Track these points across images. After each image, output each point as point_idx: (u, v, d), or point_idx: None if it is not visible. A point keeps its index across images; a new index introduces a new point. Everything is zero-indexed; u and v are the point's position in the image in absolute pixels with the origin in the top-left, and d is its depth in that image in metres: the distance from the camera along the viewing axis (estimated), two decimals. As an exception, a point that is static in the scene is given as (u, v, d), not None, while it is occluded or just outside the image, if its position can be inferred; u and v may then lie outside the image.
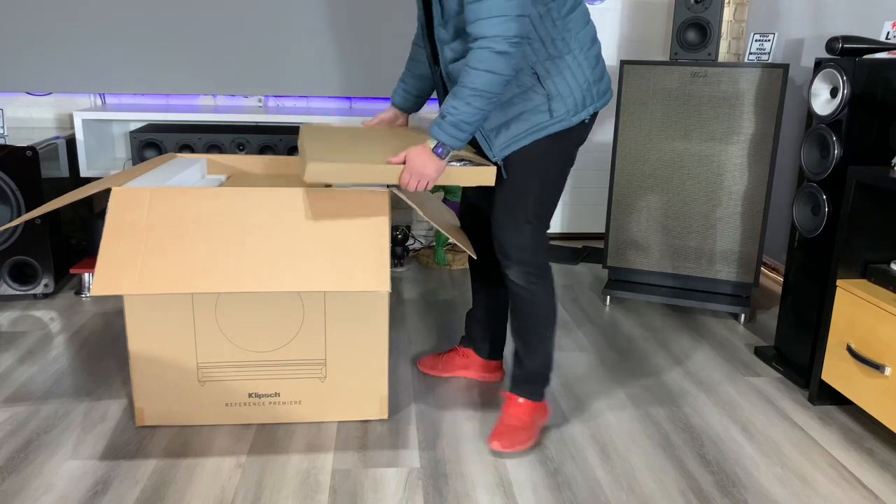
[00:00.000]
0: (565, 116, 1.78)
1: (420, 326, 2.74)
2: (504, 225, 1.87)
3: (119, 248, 1.71)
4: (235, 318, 1.93)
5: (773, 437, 2.04)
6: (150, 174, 2.04)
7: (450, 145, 1.68)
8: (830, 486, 1.81)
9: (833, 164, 2.19)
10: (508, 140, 1.79)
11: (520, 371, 1.99)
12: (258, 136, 3.03)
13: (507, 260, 1.90)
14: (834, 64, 2.18)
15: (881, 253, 2.13)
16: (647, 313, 2.95)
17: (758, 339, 2.72)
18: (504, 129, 1.79)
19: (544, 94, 1.76)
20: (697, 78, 2.77)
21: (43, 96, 3.35)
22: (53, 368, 2.32)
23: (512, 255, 1.88)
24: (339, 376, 2.00)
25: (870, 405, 2.00)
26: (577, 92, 1.78)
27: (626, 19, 3.81)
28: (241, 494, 1.72)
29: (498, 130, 1.80)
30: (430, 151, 1.68)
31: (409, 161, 1.68)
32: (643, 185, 2.93)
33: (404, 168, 1.69)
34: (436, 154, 1.68)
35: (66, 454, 1.86)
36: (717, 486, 1.80)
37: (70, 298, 2.92)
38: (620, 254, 3.03)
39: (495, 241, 1.91)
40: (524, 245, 1.87)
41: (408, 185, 1.69)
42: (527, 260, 1.88)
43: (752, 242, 2.83)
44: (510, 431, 1.92)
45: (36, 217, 2.77)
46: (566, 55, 1.75)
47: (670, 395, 2.26)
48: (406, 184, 1.69)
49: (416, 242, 3.77)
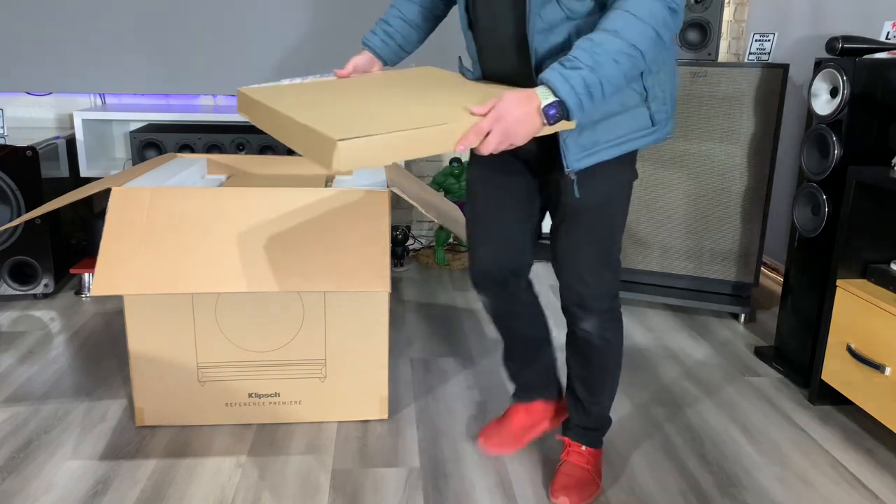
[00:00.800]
0: (661, 126, 1.43)
1: (420, 326, 2.74)
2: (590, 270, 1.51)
3: (119, 248, 1.71)
4: (235, 318, 1.93)
5: (773, 437, 2.04)
6: (150, 174, 2.04)
7: (571, 108, 1.21)
8: (830, 486, 1.81)
9: (833, 164, 2.19)
10: (595, 145, 1.38)
11: (583, 418, 1.74)
12: (258, 136, 3.02)
13: (582, 311, 1.57)
14: (834, 64, 2.18)
15: (881, 253, 2.13)
16: (647, 313, 2.95)
17: (758, 339, 2.72)
18: (590, 129, 1.37)
19: (641, 92, 1.38)
20: (697, 78, 2.77)
21: (43, 96, 3.35)
22: (53, 368, 2.32)
23: (593, 307, 1.55)
24: (339, 376, 2.00)
25: (870, 405, 2.00)
26: (670, 97, 1.43)
27: (626, 19, 3.80)
28: (241, 494, 1.72)
29: (581, 128, 1.36)
30: (538, 108, 1.20)
31: (503, 112, 1.18)
32: (643, 185, 2.93)
33: (486, 118, 1.19)
34: (544, 115, 1.20)
35: (66, 454, 1.86)
36: (717, 486, 1.80)
37: (70, 298, 2.92)
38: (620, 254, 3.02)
39: (569, 290, 1.55)
40: (607, 292, 1.55)
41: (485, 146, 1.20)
42: (606, 308, 1.57)
43: (752, 242, 2.83)
44: (577, 485, 1.69)
45: (36, 217, 2.77)
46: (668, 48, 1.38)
47: (670, 395, 2.26)
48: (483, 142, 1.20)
49: (416, 242, 3.77)
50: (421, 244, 3.78)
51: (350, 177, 2.22)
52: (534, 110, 1.20)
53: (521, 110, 1.19)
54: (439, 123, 1.16)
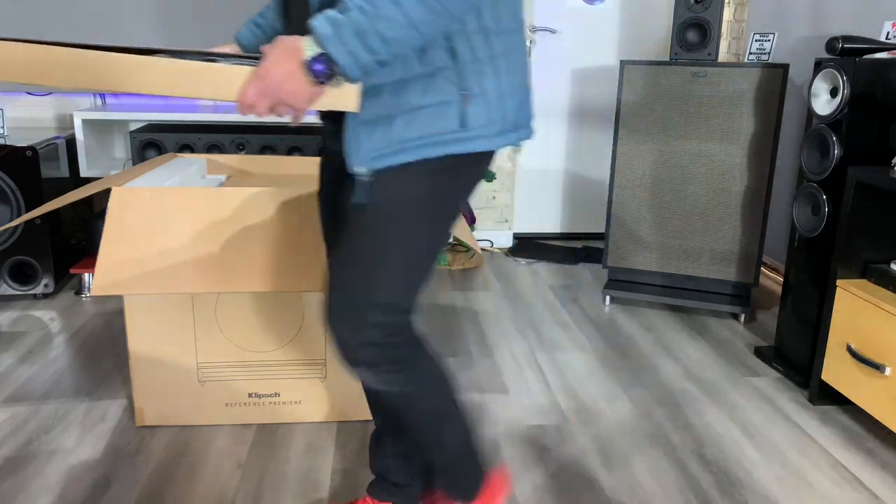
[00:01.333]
0: (486, 132, 1.12)
1: (420, 326, 2.74)
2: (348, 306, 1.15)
3: (119, 248, 1.71)
4: (235, 318, 1.93)
5: (773, 437, 2.04)
6: (150, 174, 2.04)
7: (341, 64, 0.97)
8: (830, 486, 1.81)
9: (833, 164, 2.19)
10: (390, 144, 1.11)
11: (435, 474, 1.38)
12: (258, 136, 3.02)
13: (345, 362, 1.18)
14: (834, 64, 2.18)
15: (881, 253, 2.13)
16: (647, 313, 2.95)
17: (758, 339, 2.72)
18: (385, 125, 1.11)
19: (459, 88, 1.09)
20: (697, 78, 2.77)
21: (43, 96, 3.35)
22: (53, 368, 2.32)
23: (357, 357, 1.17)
24: (339, 376, 2.00)
25: (870, 405, 2.00)
26: (510, 100, 1.14)
27: (626, 19, 3.81)
28: (241, 494, 1.72)
29: (374, 124, 1.11)
30: (301, 64, 0.98)
31: (262, 72, 1.00)
32: (643, 184, 2.93)
33: (250, 78, 1.01)
34: (310, 71, 0.98)
35: (66, 454, 1.86)
36: (717, 486, 1.80)
37: (70, 298, 2.92)
38: (620, 254, 3.03)
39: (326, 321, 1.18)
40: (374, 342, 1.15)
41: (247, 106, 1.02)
42: (376, 361, 1.18)
43: (752, 242, 2.83)
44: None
45: (36, 217, 2.77)
46: (509, 37, 1.13)
47: (670, 395, 2.26)
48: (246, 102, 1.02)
49: (416, 242, 3.77)
50: (421, 244, 3.78)
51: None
52: (296, 67, 0.98)
53: (282, 69, 0.98)
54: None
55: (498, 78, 1.12)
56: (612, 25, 3.81)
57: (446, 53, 1.08)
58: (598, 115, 3.91)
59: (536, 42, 3.76)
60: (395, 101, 1.09)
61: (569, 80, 3.84)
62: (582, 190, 4.00)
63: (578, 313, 2.93)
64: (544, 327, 2.77)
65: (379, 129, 1.11)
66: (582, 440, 1.99)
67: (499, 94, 1.13)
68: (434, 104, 1.09)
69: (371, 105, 1.10)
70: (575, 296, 3.14)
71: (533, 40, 3.75)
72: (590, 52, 3.83)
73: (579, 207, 4.03)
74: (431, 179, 1.14)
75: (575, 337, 2.69)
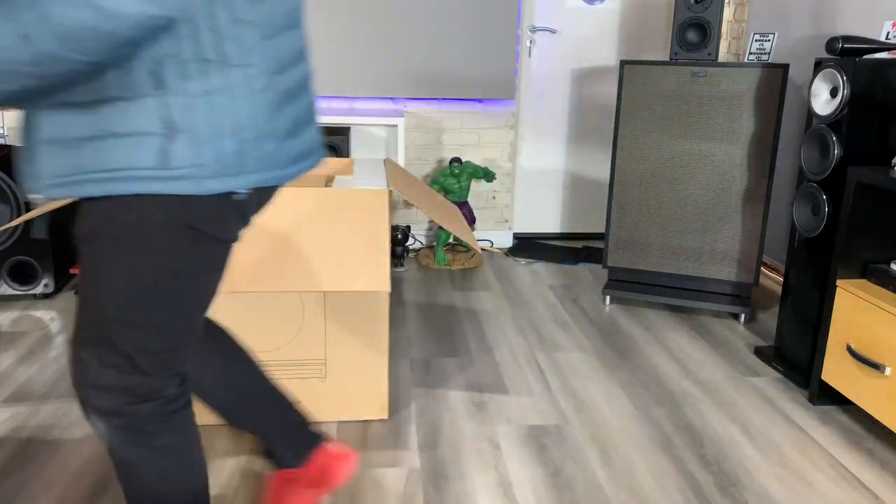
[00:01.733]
0: (189, 173, 0.98)
1: (420, 326, 2.74)
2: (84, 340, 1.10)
3: (119, 248, 1.71)
4: (235, 318, 1.93)
5: (773, 437, 2.04)
6: (150, 174, 2.04)
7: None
8: (830, 486, 1.81)
9: (833, 164, 2.19)
10: (71, 171, 0.98)
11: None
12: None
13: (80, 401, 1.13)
14: (834, 64, 2.18)
15: (881, 253, 2.13)
16: (647, 313, 2.95)
17: (758, 339, 2.72)
18: (69, 150, 0.97)
19: (163, 121, 0.96)
20: (697, 78, 2.77)
21: (43, 96, 3.35)
22: (53, 368, 2.32)
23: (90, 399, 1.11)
24: (339, 376, 2.00)
25: (870, 405, 2.00)
26: (230, 138, 1.00)
27: (626, 19, 3.81)
28: (241, 494, 1.72)
29: (55, 146, 0.98)
30: None
31: None
32: (643, 185, 2.93)
33: None
34: None
35: (66, 454, 1.86)
36: (717, 486, 1.80)
37: (70, 298, 2.92)
38: (620, 254, 3.03)
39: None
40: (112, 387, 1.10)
41: None
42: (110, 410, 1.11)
43: (752, 242, 2.83)
44: None
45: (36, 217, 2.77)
46: (242, 72, 0.99)
47: (670, 395, 2.26)
48: None
49: (416, 242, 3.77)
50: (421, 244, 3.78)
51: (350, 176, 2.22)
52: None
53: None
54: None
55: (214, 116, 0.98)
56: (612, 25, 3.81)
57: (150, 80, 0.95)
58: (598, 115, 3.91)
59: (536, 42, 3.77)
60: (90, 122, 0.96)
61: (569, 80, 3.84)
62: (582, 190, 4.01)
63: (578, 313, 2.93)
64: (544, 327, 2.77)
65: (65, 152, 0.97)
66: (582, 440, 1.99)
67: (213, 134, 0.98)
68: (129, 134, 0.96)
69: (56, 123, 0.97)
70: (575, 296, 3.14)
71: (533, 40, 3.75)
72: (590, 52, 3.83)
73: (579, 207, 4.03)
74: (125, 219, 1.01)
75: (575, 337, 2.69)
